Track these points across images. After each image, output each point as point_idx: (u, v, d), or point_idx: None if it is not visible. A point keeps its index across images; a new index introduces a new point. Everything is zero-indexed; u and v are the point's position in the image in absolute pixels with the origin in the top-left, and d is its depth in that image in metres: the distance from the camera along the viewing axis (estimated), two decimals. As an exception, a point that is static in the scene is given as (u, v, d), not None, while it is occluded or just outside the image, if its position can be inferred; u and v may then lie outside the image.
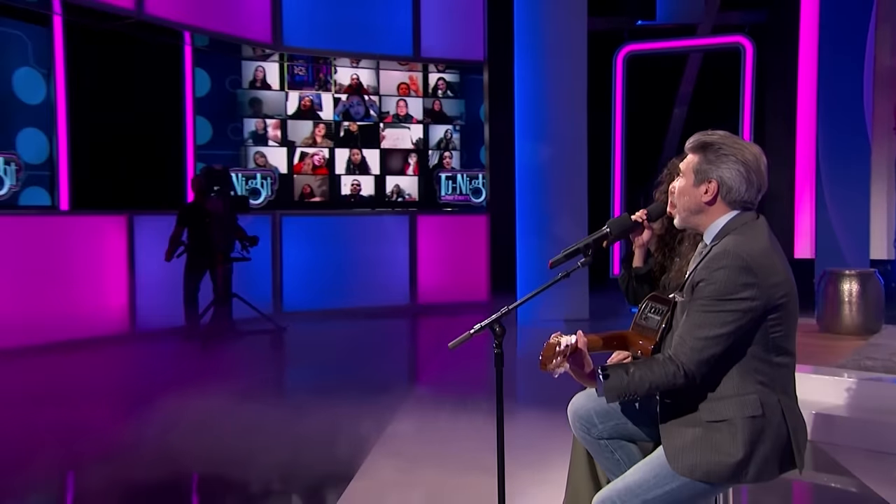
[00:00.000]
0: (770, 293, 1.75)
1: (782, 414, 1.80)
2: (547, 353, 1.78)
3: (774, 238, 1.89)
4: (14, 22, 6.72)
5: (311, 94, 8.39)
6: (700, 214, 1.88)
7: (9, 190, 6.61)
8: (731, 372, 1.79)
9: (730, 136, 1.89)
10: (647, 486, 1.83)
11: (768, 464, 1.79)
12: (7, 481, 3.15)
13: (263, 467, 3.30)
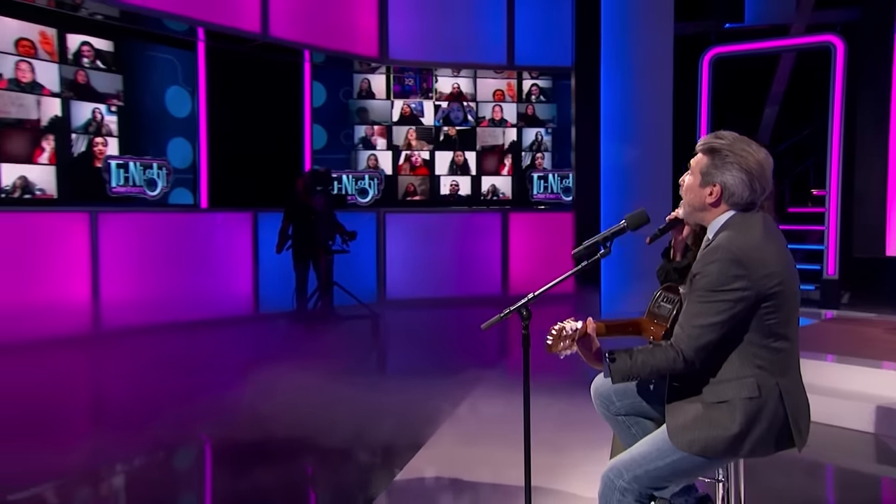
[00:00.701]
0: (761, 284, 1.81)
1: (780, 396, 1.85)
2: (553, 339, 1.90)
3: (774, 232, 1.93)
4: (167, 48, 7.55)
5: (414, 101, 8.82)
6: (704, 212, 1.95)
7: (160, 191, 7.43)
8: (731, 357, 1.86)
9: (738, 141, 1.92)
10: (650, 457, 1.91)
11: (764, 442, 1.85)
12: (141, 434, 3.69)
13: (343, 433, 3.57)
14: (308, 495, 3.08)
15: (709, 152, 1.92)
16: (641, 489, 1.90)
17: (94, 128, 6.89)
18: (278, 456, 3.40)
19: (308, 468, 3.29)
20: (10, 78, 6.27)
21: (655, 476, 1.90)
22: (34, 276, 6.05)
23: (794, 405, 1.88)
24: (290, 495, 2.99)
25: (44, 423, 3.88)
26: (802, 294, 2.13)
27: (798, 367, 1.95)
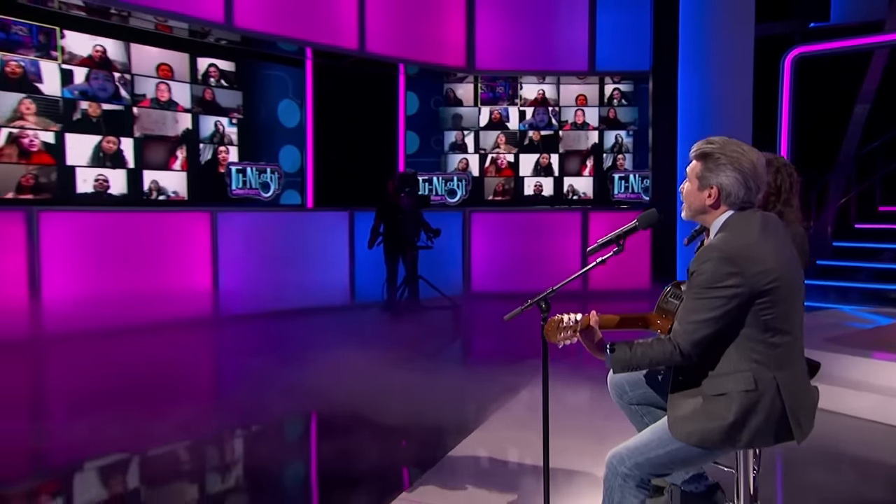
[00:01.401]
0: (755, 281, 1.80)
1: (777, 389, 1.84)
2: (549, 328, 1.98)
3: (773, 230, 1.91)
4: (280, 67, 8.18)
5: (501, 108, 9.03)
6: (705, 214, 1.95)
7: (273, 192, 8.07)
8: (729, 351, 1.85)
9: (729, 143, 1.92)
10: (651, 445, 1.93)
11: (761, 433, 1.85)
12: (239, 405, 4.13)
13: (405, 413, 3.73)
14: (363, 465, 3.28)
15: (702, 157, 1.93)
16: (643, 475, 1.93)
17: (218, 138, 7.61)
18: (342, 429, 3.68)
19: (367, 441, 3.49)
20: (151, 97, 7.07)
21: (656, 463, 1.92)
22: (166, 266, 6.82)
23: (792, 398, 1.86)
24: (347, 465, 3.25)
25: (168, 392, 4.45)
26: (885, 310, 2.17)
27: (800, 361, 1.93)
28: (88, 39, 6.59)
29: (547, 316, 2.04)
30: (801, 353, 1.95)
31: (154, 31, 7.05)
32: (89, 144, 6.62)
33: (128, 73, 6.88)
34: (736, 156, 1.88)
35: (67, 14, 6.42)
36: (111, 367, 4.96)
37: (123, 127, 6.86)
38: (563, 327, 1.96)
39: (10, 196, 6.07)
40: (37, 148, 6.28)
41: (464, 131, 9.07)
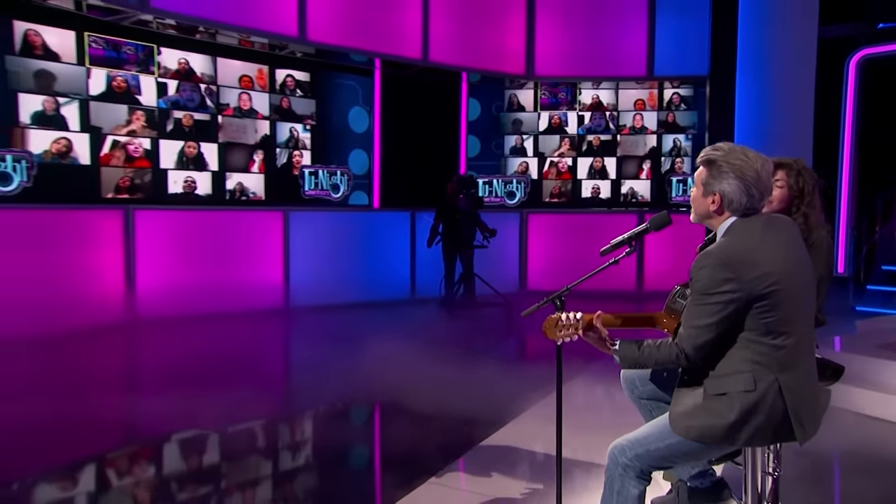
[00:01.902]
0: (751, 285, 1.78)
1: (779, 391, 1.82)
2: (547, 326, 2.02)
3: (777, 234, 1.88)
4: (351, 76, 8.52)
5: (560, 113, 9.06)
6: (710, 219, 1.94)
7: (342, 193, 8.41)
8: (731, 352, 1.85)
9: (734, 151, 1.90)
10: (652, 438, 1.94)
11: (761, 433, 1.84)
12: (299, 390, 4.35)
13: (445, 403, 3.83)
14: (399, 449, 3.41)
15: (707, 164, 1.93)
16: (643, 467, 1.93)
17: (293, 143, 8.02)
18: (385, 414, 3.83)
19: (405, 428, 3.61)
20: (234, 107, 7.54)
21: (656, 456, 1.92)
22: (244, 260, 7.25)
23: (795, 400, 1.83)
24: (385, 448, 3.44)
25: (234, 374, 4.79)
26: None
27: (807, 361, 1.90)
28: (180, 55, 7.11)
29: (561, 314, 2.05)
30: (809, 353, 1.92)
31: (237, 46, 7.51)
32: (175, 149, 7.13)
33: (214, 85, 7.36)
34: (739, 164, 1.86)
35: (163, 33, 6.95)
36: (194, 350, 5.37)
37: (210, 134, 7.35)
38: (561, 325, 2.00)
39: (111, 196, 6.64)
40: (140, 153, 6.84)
41: (523, 135, 9.15)
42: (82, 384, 4.37)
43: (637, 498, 1.93)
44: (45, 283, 5.75)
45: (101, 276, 6.25)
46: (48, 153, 6.25)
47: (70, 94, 6.39)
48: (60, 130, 6.33)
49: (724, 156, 1.89)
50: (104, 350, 5.50)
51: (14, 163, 5.99)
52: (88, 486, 3.10)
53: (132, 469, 3.28)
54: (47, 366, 4.82)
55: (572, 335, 2.01)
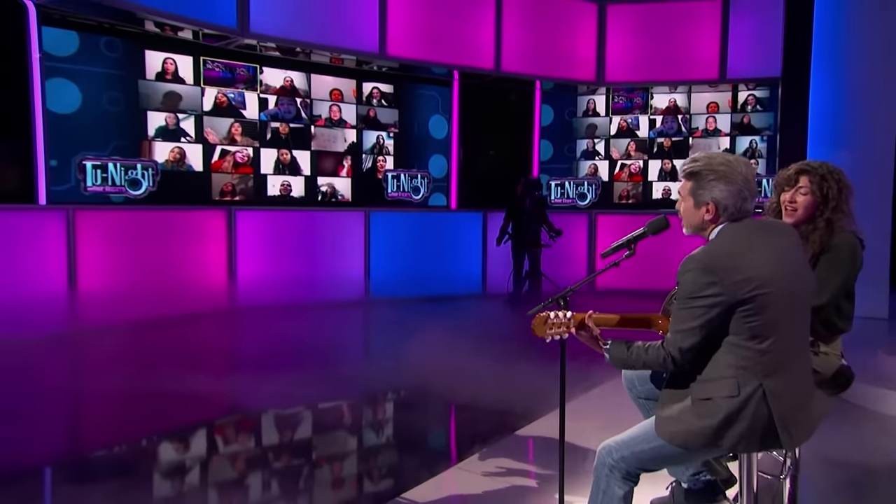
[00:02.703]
0: (734, 289, 1.72)
1: (763, 396, 1.74)
2: (536, 324, 2.01)
3: (766, 238, 1.81)
4: (432, 86, 8.83)
5: (631, 117, 8.92)
6: (705, 230, 1.87)
7: (422, 195, 8.74)
8: (716, 356, 1.79)
9: (714, 158, 1.84)
10: (637, 440, 1.88)
11: (745, 439, 1.77)
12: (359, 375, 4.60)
13: (486, 395, 3.84)
14: (429, 436, 3.49)
15: (691, 176, 1.86)
16: (628, 468, 1.88)
17: (378, 149, 8.43)
18: (426, 403, 3.92)
19: (442, 416, 3.71)
20: (326, 117, 8.04)
21: (641, 458, 1.87)
22: (330, 256, 7.75)
23: (781, 406, 1.76)
24: (418, 433, 3.55)
25: (313, 358, 5.17)
26: None
27: (794, 368, 1.81)
28: (279, 73, 7.68)
29: (551, 312, 2.03)
30: (799, 358, 1.84)
31: (329, 63, 8.00)
32: (274, 157, 7.72)
33: (308, 98, 7.89)
34: (724, 170, 1.81)
35: (265, 55, 7.54)
36: (283, 335, 5.84)
37: (304, 142, 7.89)
38: (550, 323, 1.99)
39: (218, 198, 7.31)
40: (245, 161, 7.48)
41: (594, 139, 9.09)
42: (191, 362, 4.85)
43: (622, 498, 1.89)
44: (164, 273, 6.46)
45: (208, 267, 6.92)
46: (168, 161, 6.99)
47: (188, 111, 7.10)
48: (179, 142, 7.06)
49: (707, 164, 1.83)
50: (209, 332, 6.09)
51: (143, 170, 6.76)
52: (191, 449, 3.51)
53: (231, 436, 3.67)
54: (164, 344, 5.43)
55: (563, 333, 2.00)
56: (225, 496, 2.91)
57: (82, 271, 6.01)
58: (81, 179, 6.40)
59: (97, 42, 6.50)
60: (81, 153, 6.39)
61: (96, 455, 3.36)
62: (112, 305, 5.76)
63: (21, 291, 5.27)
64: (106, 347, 5.33)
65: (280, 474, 3.14)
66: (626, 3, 8.64)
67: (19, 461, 3.11)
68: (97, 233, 6.27)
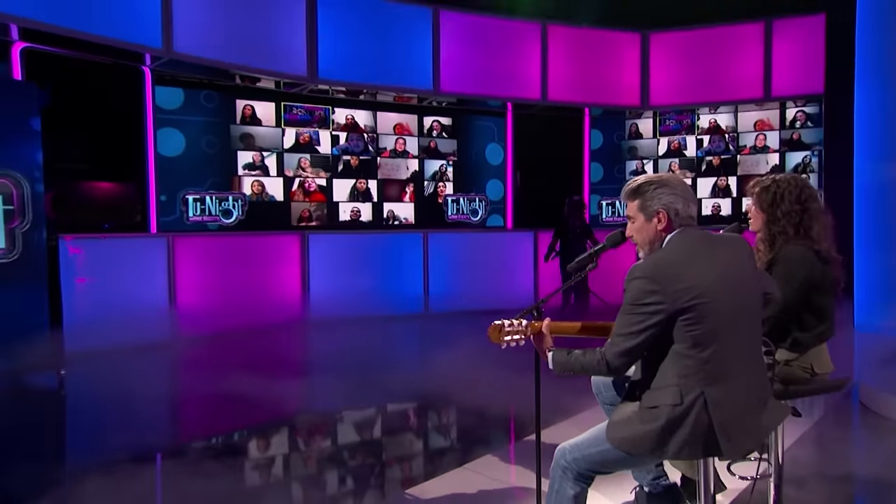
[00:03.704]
0: (675, 297, 1.71)
1: (704, 405, 1.72)
2: (492, 331, 2.03)
3: (711, 249, 1.80)
4: (487, 118, 9.19)
5: (679, 138, 8.89)
6: (656, 243, 1.86)
7: (480, 217, 9.07)
8: (663, 366, 1.77)
9: (649, 175, 1.91)
10: (588, 444, 1.87)
11: (688, 446, 1.74)
12: None
13: (509, 403, 3.96)
14: (448, 438, 3.74)
15: (634, 194, 1.88)
16: (580, 469, 1.86)
17: (439, 176, 8.87)
18: (447, 408, 4.14)
19: (464, 420, 3.90)
20: (391, 149, 8.60)
21: (591, 461, 1.85)
22: (394, 274, 8.20)
23: (723, 414, 1.72)
24: (431, 436, 3.83)
25: (366, 365, 5.52)
26: None
27: (738, 377, 1.76)
28: (348, 112, 8.34)
29: (506, 319, 2.05)
30: (745, 369, 1.79)
31: (393, 101, 8.57)
32: (348, 186, 8.34)
33: (374, 133, 8.49)
34: (662, 179, 1.85)
35: (335, 97, 8.22)
36: (350, 344, 6.32)
37: (371, 172, 8.48)
38: (505, 331, 2.01)
39: (296, 224, 8.01)
40: (314, 189, 8.16)
41: (643, 160, 9.11)
42: (269, 367, 5.34)
43: (572, 499, 1.88)
44: (249, 289, 7.17)
45: (285, 285, 7.59)
46: (253, 193, 7.76)
47: (270, 149, 7.87)
48: (264, 176, 7.83)
49: (646, 179, 1.87)
50: (287, 341, 6.70)
51: (234, 201, 7.56)
52: (267, 442, 3.89)
53: (303, 434, 4.02)
54: (248, 352, 6.04)
55: (519, 340, 2.02)
56: (291, 478, 3.33)
57: (181, 288, 6.80)
58: (184, 211, 7.26)
59: (198, 96, 7.40)
60: (185, 189, 7.26)
61: (192, 445, 3.72)
62: (205, 317, 6.49)
63: (134, 305, 6.07)
64: (199, 354, 6.00)
65: (324, 464, 3.53)
66: (669, 30, 8.68)
67: (132, 449, 3.50)
68: (194, 255, 7.07)
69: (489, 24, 8.44)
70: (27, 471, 3.22)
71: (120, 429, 3.86)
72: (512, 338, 2.01)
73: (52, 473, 3.30)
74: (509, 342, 2.02)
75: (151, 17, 6.25)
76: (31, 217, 4.93)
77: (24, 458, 3.47)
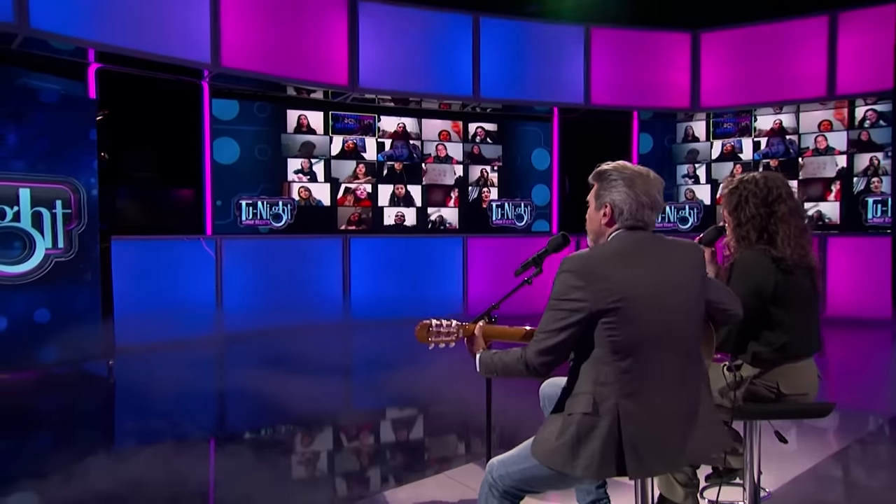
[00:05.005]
0: (598, 297, 1.53)
1: (617, 417, 1.52)
2: (419, 331, 1.90)
3: (650, 253, 1.61)
4: (533, 123, 8.93)
5: (734, 140, 8.24)
6: (602, 236, 1.69)
7: (526, 222, 8.81)
8: (583, 370, 1.59)
9: (624, 164, 1.70)
10: (514, 460, 1.69)
11: (598, 461, 1.51)
12: None
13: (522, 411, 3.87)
14: (431, 444, 3.69)
15: (597, 178, 1.72)
16: (505, 487, 1.68)
17: (483, 182, 8.69)
18: (440, 414, 4.11)
19: (450, 427, 3.84)
20: (434, 155, 8.51)
21: (516, 478, 1.67)
22: (435, 277, 8.09)
23: (634, 429, 1.51)
24: (418, 442, 3.77)
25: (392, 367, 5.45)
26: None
27: (662, 392, 1.54)
28: (394, 119, 8.33)
29: (433, 319, 1.95)
30: (669, 384, 1.56)
31: (437, 108, 8.48)
32: (389, 191, 8.33)
33: (419, 140, 8.43)
34: (629, 174, 1.66)
35: (382, 105, 8.23)
36: (388, 346, 6.25)
37: (416, 177, 8.42)
38: (432, 331, 1.89)
39: (343, 228, 8.07)
40: (364, 196, 8.20)
41: (695, 164, 8.51)
42: (315, 365, 5.37)
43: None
44: (292, 290, 7.28)
45: (329, 286, 7.64)
46: (301, 198, 7.90)
47: (319, 156, 7.99)
48: (313, 182, 7.95)
49: (615, 167, 1.69)
50: (328, 344, 6.74)
51: (283, 206, 7.72)
52: (312, 439, 3.97)
53: (349, 428, 4.07)
54: (292, 350, 6.06)
55: (448, 342, 1.90)
56: (326, 465, 3.35)
57: (227, 287, 6.99)
58: (238, 215, 7.48)
59: (251, 107, 7.61)
60: (238, 194, 7.49)
61: (241, 432, 3.93)
62: (248, 316, 6.65)
63: (182, 302, 6.32)
64: (236, 351, 6.14)
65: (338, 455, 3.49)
66: (721, 29, 8.06)
67: (187, 433, 3.73)
68: (241, 257, 7.24)
69: (531, 29, 8.18)
70: (77, 447, 3.46)
71: (160, 414, 4.06)
72: (441, 339, 1.89)
73: (96, 450, 3.45)
74: (437, 342, 1.90)
75: (202, 35, 6.51)
76: (86, 220, 5.21)
77: (76, 435, 3.78)
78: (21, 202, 4.93)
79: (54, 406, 4.57)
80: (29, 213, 4.97)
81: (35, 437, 3.82)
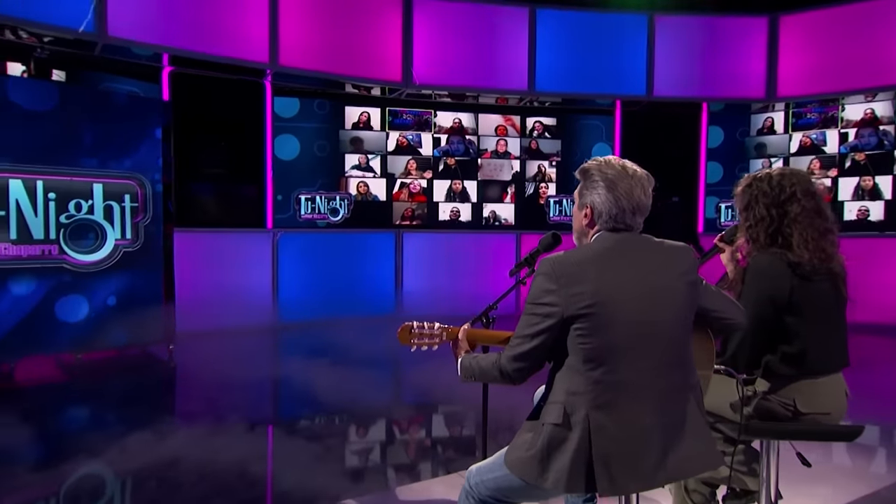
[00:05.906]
0: (570, 301, 1.44)
1: (588, 430, 1.42)
2: (401, 332, 1.85)
3: (631, 256, 1.49)
4: (595, 117, 8.54)
5: (815, 132, 7.50)
6: (585, 236, 1.61)
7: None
8: (556, 378, 1.51)
9: (609, 162, 1.58)
10: (489, 468, 1.62)
11: (569, 476, 1.42)
12: None
13: None
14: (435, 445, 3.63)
15: (581, 174, 1.62)
16: (480, 496, 1.61)
17: (540, 177, 8.43)
18: (446, 414, 4.06)
19: (455, 428, 3.81)
20: (492, 150, 8.34)
21: (490, 487, 1.59)
22: (484, 274, 7.92)
23: (606, 444, 1.41)
24: (423, 442, 3.70)
25: None
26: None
27: (639, 405, 1.42)
28: (451, 115, 8.22)
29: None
30: (652, 396, 1.44)
31: (495, 104, 8.30)
32: (446, 186, 8.24)
33: (475, 135, 8.28)
34: (611, 175, 1.53)
35: (438, 101, 8.15)
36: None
37: (471, 173, 8.29)
38: (414, 333, 1.84)
39: (398, 223, 8.07)
40: (417, 190, 8.18)
41: (770, 158, 7.82)
42: (363, 359, 5.40)
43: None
44: (350, 283, 7.36)
45: (381, 280, 7.66)
46: (359, 194, 7.97)
47: (375, 151, 8.03)
48: (369, 177, 8.00)
49: (598, 166, 1.57)
50: (381, 338, 6.76)
51: (340, 201, 7.82)
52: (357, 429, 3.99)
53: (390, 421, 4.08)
54: (341, 343, 6.06)
55: (431, 344, 1.85)
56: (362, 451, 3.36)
57: (283, 278, 7.16)
58: (297, 209, 7.66)
59: (311, 105, 7.75)
60: (298, 189, 7.66)
61: (287, 419, 4.05)
62: (305, 307, 6.80)
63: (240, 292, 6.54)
64: (285, 340, 6.28)
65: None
66: (802, 11, 7.31)
67: (239, 419, 3.81)
68: (298, 249, 7.38)
69: (589, 18, 7.79)
70: (141, 422, 3.70)
71: (214, 396, 4.29)
72: (424, 341, 1.84)
73: (156, 425, 3.65)
74: (420, 345, 1.84)
75: (262, 36, 6.67)
76: (151, 213, 5.48)
77: (139, 411, 4.04)
78: (95, 196, 5.26)
79: (122, 386, 4.87)
80: (101, 206, 5.28)
81: (114, 412, 4.14)
